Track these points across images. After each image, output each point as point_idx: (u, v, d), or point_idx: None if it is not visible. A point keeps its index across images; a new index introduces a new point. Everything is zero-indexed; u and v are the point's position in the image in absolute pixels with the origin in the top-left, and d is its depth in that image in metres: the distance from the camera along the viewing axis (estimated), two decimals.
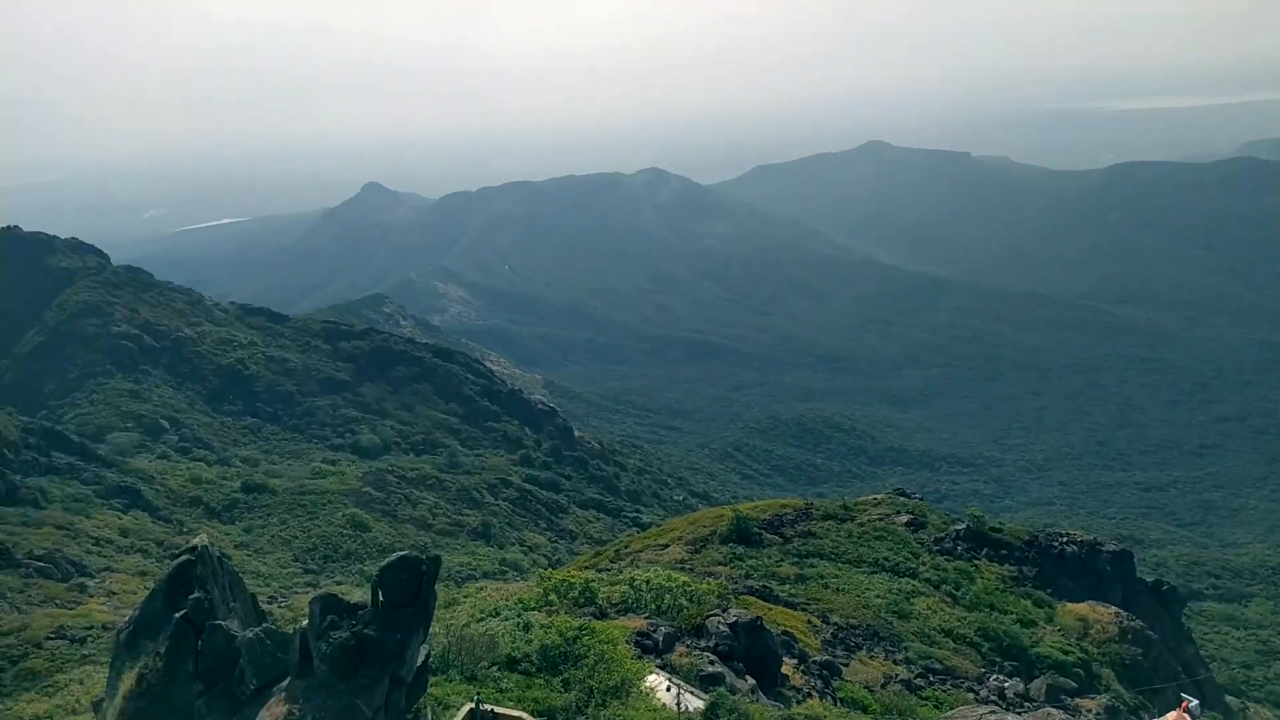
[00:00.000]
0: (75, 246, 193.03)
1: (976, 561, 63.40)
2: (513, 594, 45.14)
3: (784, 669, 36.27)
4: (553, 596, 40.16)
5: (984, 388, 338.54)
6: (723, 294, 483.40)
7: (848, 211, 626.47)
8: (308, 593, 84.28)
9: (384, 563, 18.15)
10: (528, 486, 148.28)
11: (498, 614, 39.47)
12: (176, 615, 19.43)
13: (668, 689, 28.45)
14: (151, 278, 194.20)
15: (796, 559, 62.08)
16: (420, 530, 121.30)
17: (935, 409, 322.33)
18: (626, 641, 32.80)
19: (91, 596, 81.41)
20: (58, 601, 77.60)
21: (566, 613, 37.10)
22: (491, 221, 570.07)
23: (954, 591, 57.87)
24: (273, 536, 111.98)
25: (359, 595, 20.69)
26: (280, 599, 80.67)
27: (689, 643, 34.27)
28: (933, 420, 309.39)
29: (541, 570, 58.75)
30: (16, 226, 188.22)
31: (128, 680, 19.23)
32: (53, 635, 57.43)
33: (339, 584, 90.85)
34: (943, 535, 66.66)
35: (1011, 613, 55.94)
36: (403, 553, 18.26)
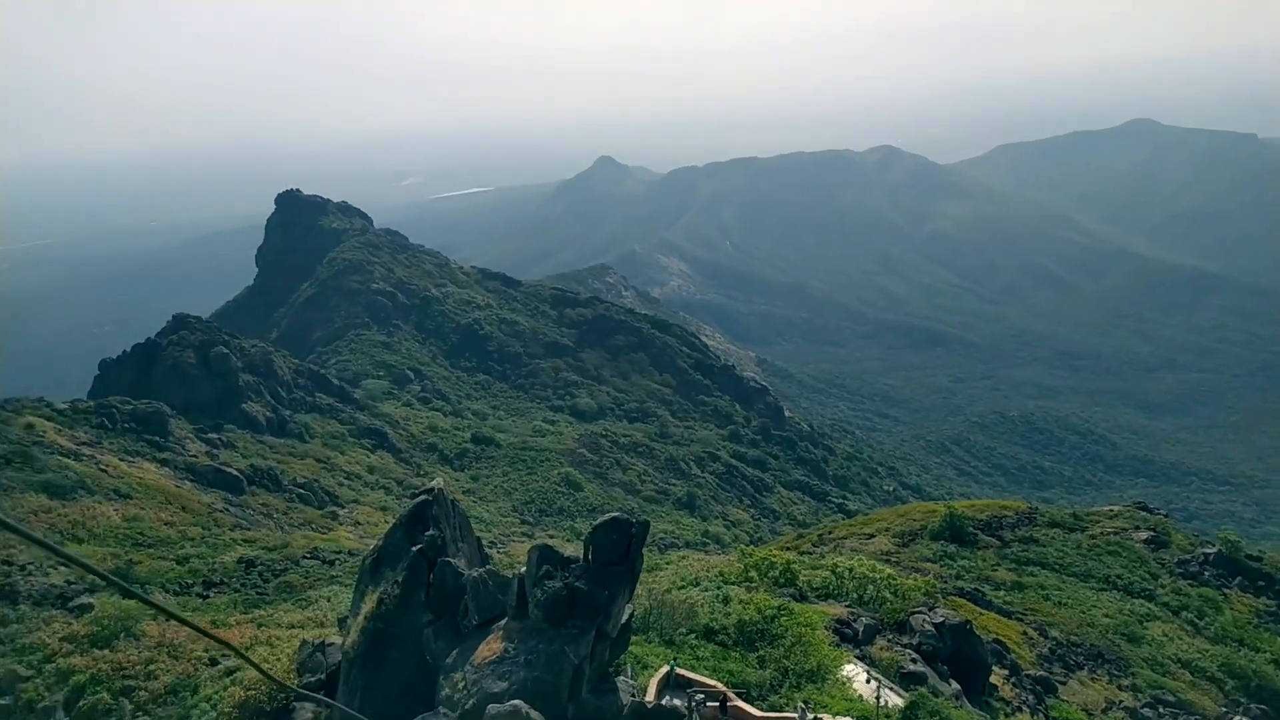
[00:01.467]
0: (345, 209, 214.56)
1: (1226, 590, 56.96)
2: (713, 566, 45.83)
3: (993, 679, 34.49)
4: (753, 573, 40.39)
5: (1252, 398, 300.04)
6: (952, 280, 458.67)
7: (1103, 196, 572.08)
8: (523, 542, 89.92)
9: (597, 522, 19.08)
10: (734, 462, 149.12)
11: (698, 584, 40.28)
12: (413, 549, 21.48)
13: (867, 681, 27.91)
14: (406, 240, 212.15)
15: (1015, 565, 58.54)
16: (628, 494, 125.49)
17: (1191, 418, 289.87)
18: (825, 627, 32.47)
19: (341, 524, 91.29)
20: (313, 525, 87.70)
21: (766, 591, 37.24)
22: (716, 196, 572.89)
23: (1196, 620, 52.39)
24: (495, 486, 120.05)
25: (571, 550, 21.90)
26: (499, 545, 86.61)
27: (890, 637, 33.37)
28: (1187, 430, 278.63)
29: (743, 546, 59.15)
30: (298, 189, 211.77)
31: (369, 602, 21.53)
32: (308, 555, 64.87)
33: (551, 537, 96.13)
34: (1188, 558, 60.35)
35: (1265, 651, 49.89)
36: (615, 514, 19.11)
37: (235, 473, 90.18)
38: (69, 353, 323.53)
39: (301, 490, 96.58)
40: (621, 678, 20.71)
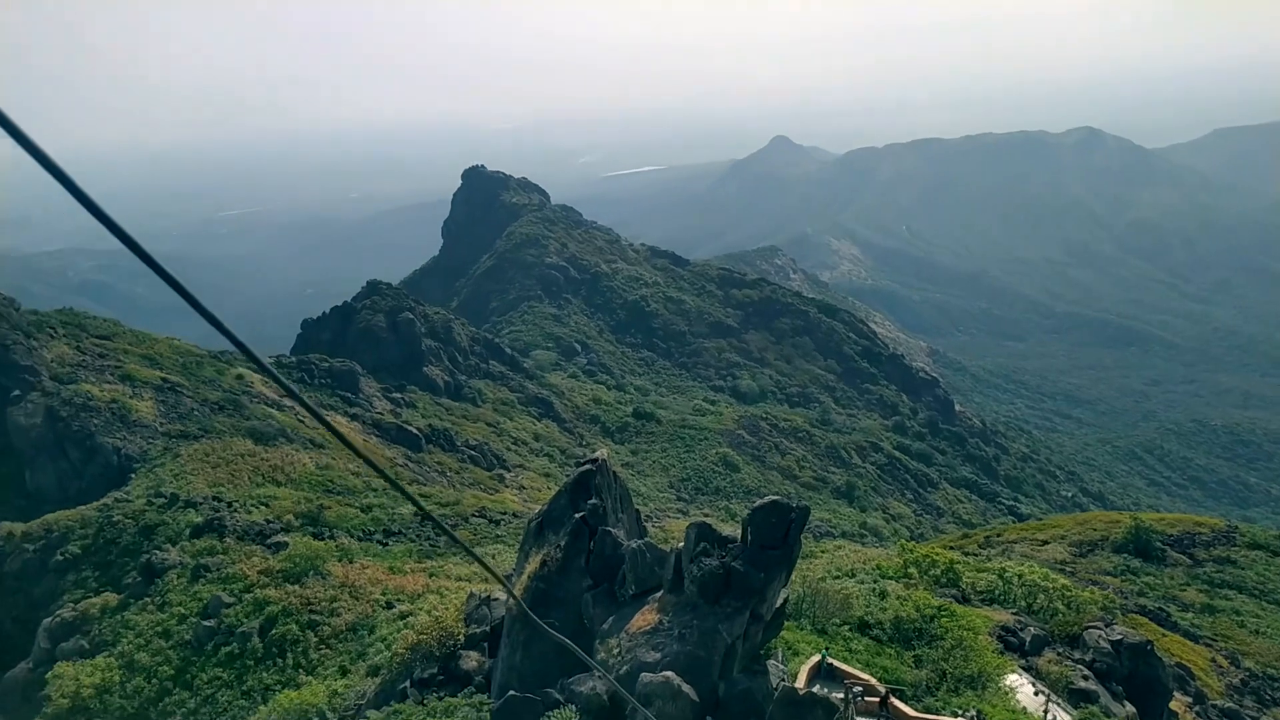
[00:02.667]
0: (524, 185, 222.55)
1: None
2: (870, 559, 44.76)
3: (1173, 705, 31.96)
4: (913, 570, 39.17)
5: None
6: (1153, 273, 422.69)
7: None
8: (678, 518, 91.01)
9: (757, 504, 19.06)
10: (898, 454, 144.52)
11: (853, 575, 39.47)
12: (576, 516, 22.24)
13: (1034, 694, 26.53)
14: (580, 216, 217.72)
15: (1207, 586, 53.83)
16: (785, 479, 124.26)
17: None
18: (988, 633, 31.08)
19: (507, 487, 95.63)
20: (481, 486, 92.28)
21: (926, 589, 36.02)
22: (895, 179, 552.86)
23: None
24: (654, 462, 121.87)
25: (727, 529, 21.98)
26: (654, 519, 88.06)
27: (1060, 650, 31.53)
28: None
29: (903, 541, 57.38)
30: (482, 165, 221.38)
31: (533, 563, 22.49)
32: (476, 514, 68.36)
33: (706, 515, 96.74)
34: None
35: None
36: (775, 498, 19.02)
37: (415, 431, 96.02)
38: (276, 311, 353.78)
39: (473, 452, 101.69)
40: (772, 661, 20.67)
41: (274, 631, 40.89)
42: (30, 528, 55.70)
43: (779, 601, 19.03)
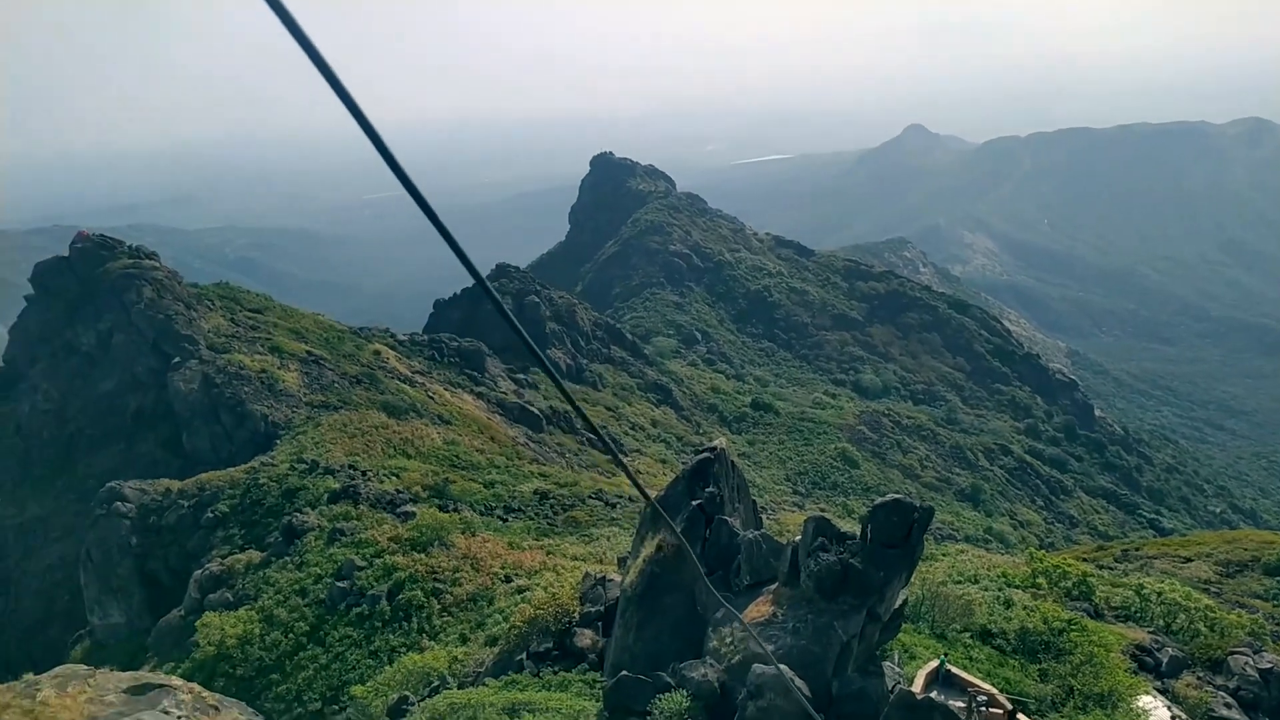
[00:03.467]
0: (651, 172, 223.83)
1: None
2: (995, 565, 43.10)
3: None
4: (1041, 580, 37.51)
5: None
6: None
7: None
8: (793, 511, 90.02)
9: (878, 502, 18.69)
10: (1029, 459, 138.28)
11: (976, 581, 38.14)
12: (693, 503, 22.36)
13: (1170, 718, 25.05)
14: (705, 204, 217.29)
15: None
16: (906, 478, 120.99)
17: None
18: (1122, 651, 29.47)
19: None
20: (599, 468, 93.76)
21: (1055, 601, 34.46)
22: (1037, 170, 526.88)
23: None
24: (770, 453, 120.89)
25: (845, 526, 21.64)
26: (769, 511, 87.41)
27: (1200, 675, 29.60)
28: None
29: (1032, 549, 54.98)
30: (610, 152, 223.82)
31: (649, 547, 22.75)
32: (593, 495, 69.45)
33: (822, 510, 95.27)
34: None
35: None
36: (898, 496, 18.59)
37: (537, 412, 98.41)
38: (410, 291, 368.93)
39: (591, 435, 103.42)
40: (888, 663, 20.26)
41: (401, 596, 42.84)
42: (186, 485, 60.22)
43: (898, 602, 18.63)
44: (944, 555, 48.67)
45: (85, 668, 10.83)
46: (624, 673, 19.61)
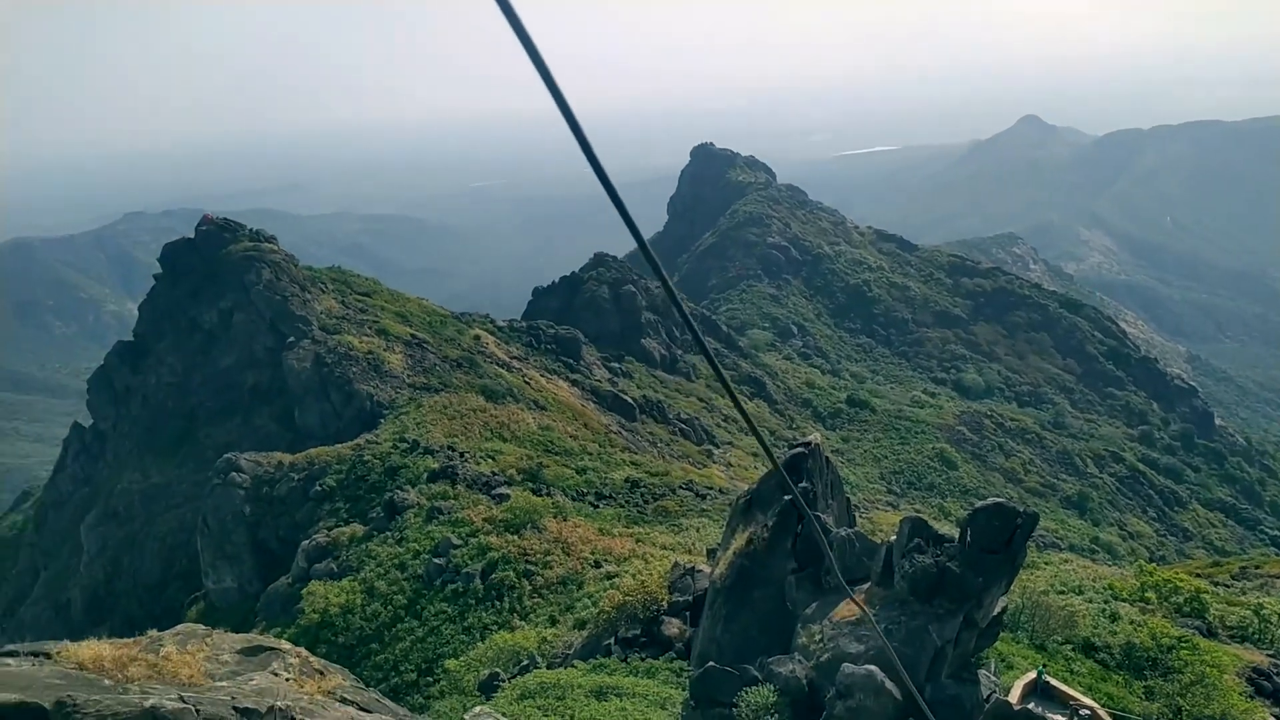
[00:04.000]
0: (751, 163, 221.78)
1: None
2: (1101, 576, 41.34)
3: None
4: (1151, 594, 35.78)
5: None
6: None
7: None
8: (887, 511, 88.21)
9: (979, 505, 18.15)
10: (1142, 467, 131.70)
11: (1081, 592, 36.70)
12: (785, 498, 22.17)
13: None
14: (806, 197, 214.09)
15: None
16: (1008, 482, 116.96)
17: None
18: (1236, 673, 27.89)
19: (715, 463, 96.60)
20: (690, 459, 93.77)
21: (1165, 616, 32.82)
22: (1161, 164, 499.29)
23: None
24: (865, 451, 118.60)
25: (941, 528, 21.09)
26: (862, 509, 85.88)
27: None
28: None
29: (1142, 562, 52.46)
30: (710, 143, 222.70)
31: (739, 540, 22.70)
32: (683, 486, 69.51)
33: (917, 511, 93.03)
34: None
35: None
36: (1000, 499, 18.01)
37: (630, 400, 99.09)
38: (510, 278, 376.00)
39: (683, 425, 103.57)
40: (983, 671, 19.69)
41: (493, 576, 43.91)
42: (296, 459, 63.07)
43: (996, 610, 18.06)
44: (1046, 564, 46.96)
45: (203, 628, 11.51)
46: (711, 663, 19.64)
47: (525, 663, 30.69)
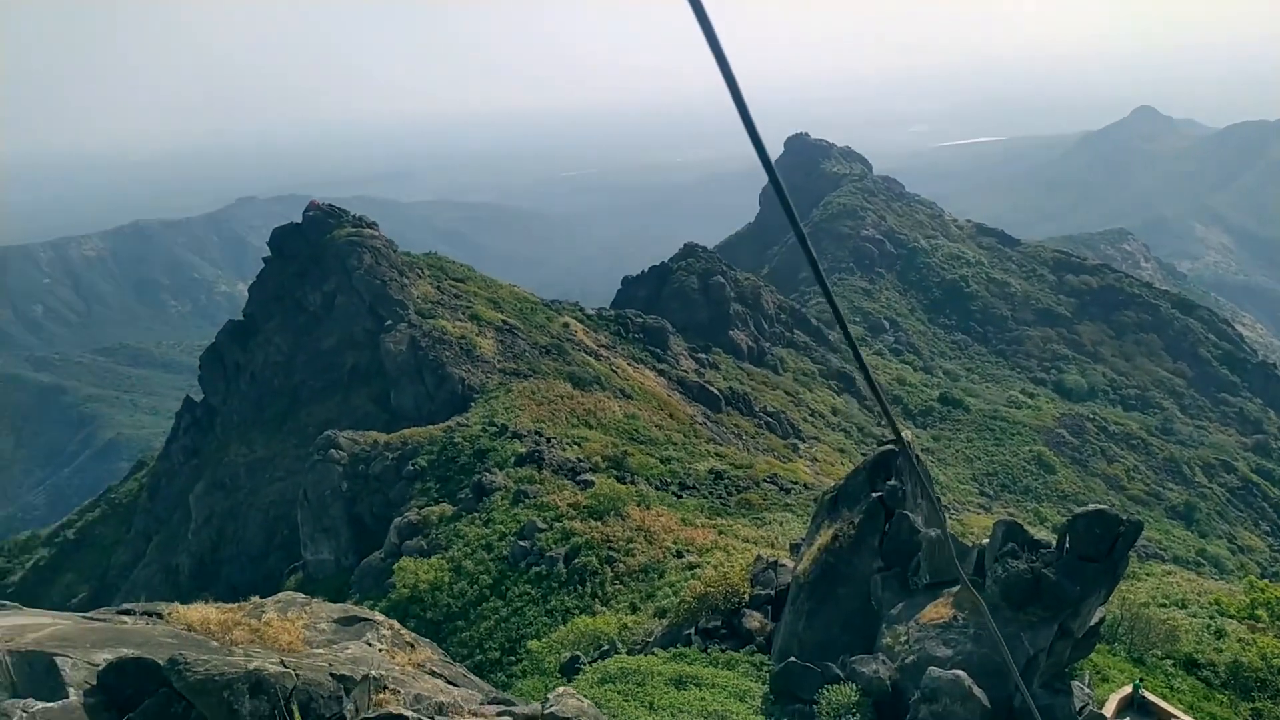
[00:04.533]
0: (846, 154, 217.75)
1: None
2: (1207, 591, 39.38)
3: None
4: (1261, 611, 33.92)
5: None
6: None
7: None
8: (978, 513, 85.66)
9: (1080, 511, 17.48)
10: (1255, 478, 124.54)
11: (1184, 606, 35.09)
12: (873, 495, 21.79)
13: None
14: (903, 189, 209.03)
15: None
16: (1110, 489, 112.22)
17: None
18: None
19: (800, 457, 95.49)
20: (775, 453, 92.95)
21: (1276, 636, 31.06)
22: None
23: None
24: (957, 451, 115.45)
25: (1036, 534, 20.40)
26: (952, 511, 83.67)
27: None
28: None
29: (1252, 578, 49.62)
30: (805, 133, 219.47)
31: (824, 535, 22.42)
32: (767, 479, 68.94)
33: (1010, 515, 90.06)
34: None
35: None
36: (1102, 506, 17.31)
37: (716, 392, 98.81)
38: (599, 266, 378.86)
39: (769, 419, 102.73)
40: (1076, 682, 18.99)
41: (576, 560, 44.50)
42: (391, 439, 65.11)
43: (1094, 620, 17.38)
44: (1148, 575, 45.00)
45: (303, 596, 12.03)
46: (792, 659, 19.50)
47: (605, 648, 31.05)
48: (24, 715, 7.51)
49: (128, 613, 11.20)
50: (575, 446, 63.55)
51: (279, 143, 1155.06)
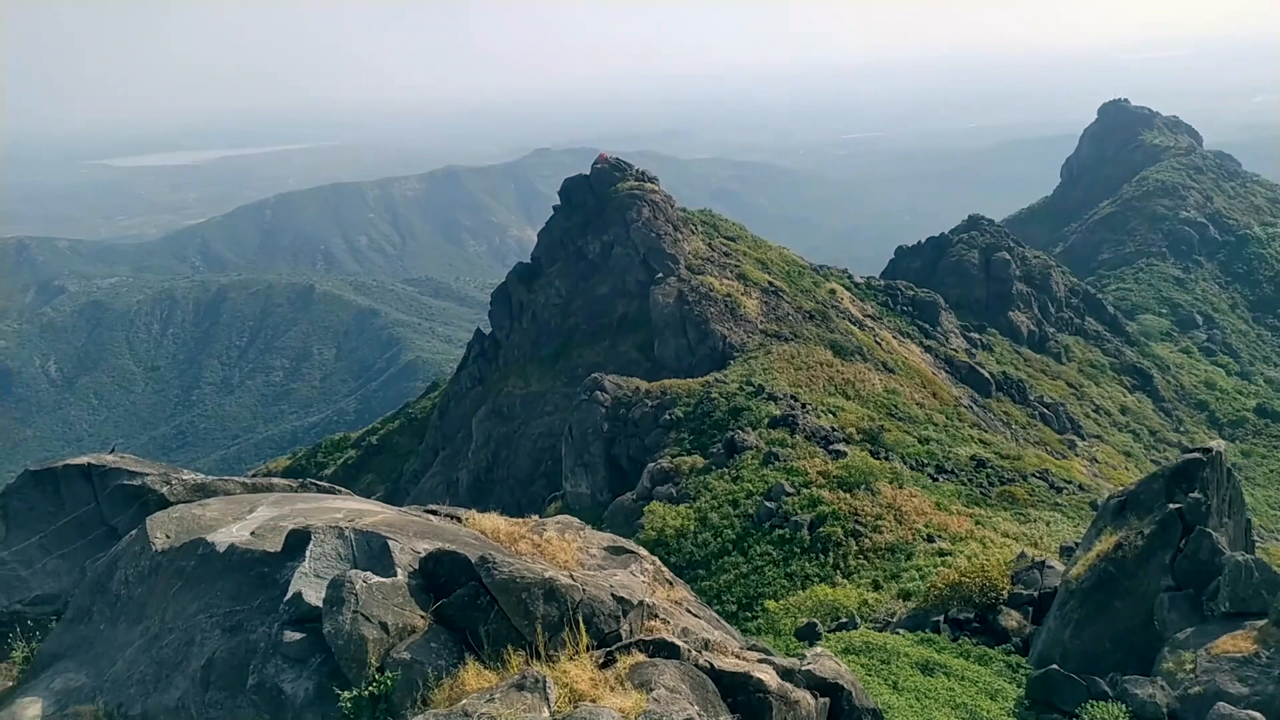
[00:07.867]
0: (1172, 125, 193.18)
1: None
2: None
3: None
4: None
5: None
6: None
7: None
8: None
9: None
10: None
11: None
12: (1171, 506, 19.61)
13: None
14: (1238, 167, 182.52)
15: None
16: None
17: None
18: None
19: (1077, 455, 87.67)
20: (1048, 447, 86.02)
21: None
22: None
23: None
24: (1271, 471, 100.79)
25: None
26: (1261, 537, 73.27)
27: None
28: None
29: None
30: (1124, 99, 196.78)
31: (1105, 542, 20.55)
32: (1037, 474, 64.00)
33: None
34: None
35: None
36: None
37: (987, 375, 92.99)
38: (872, 234, 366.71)
39: (1045, 409, 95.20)
40: None
41: (821, 529, 44.13)
42: (651, 388, 67.68)
43: None
44: None
45: (578, 521, 12.97)
46: (1054, 666, 18.22)
47: (844, 620, 30.69)
48: (364, 585, 8.96)
49: (433, 512, 12.73)
50: (830, 415, 62.60)
51: (582, 96, 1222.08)
